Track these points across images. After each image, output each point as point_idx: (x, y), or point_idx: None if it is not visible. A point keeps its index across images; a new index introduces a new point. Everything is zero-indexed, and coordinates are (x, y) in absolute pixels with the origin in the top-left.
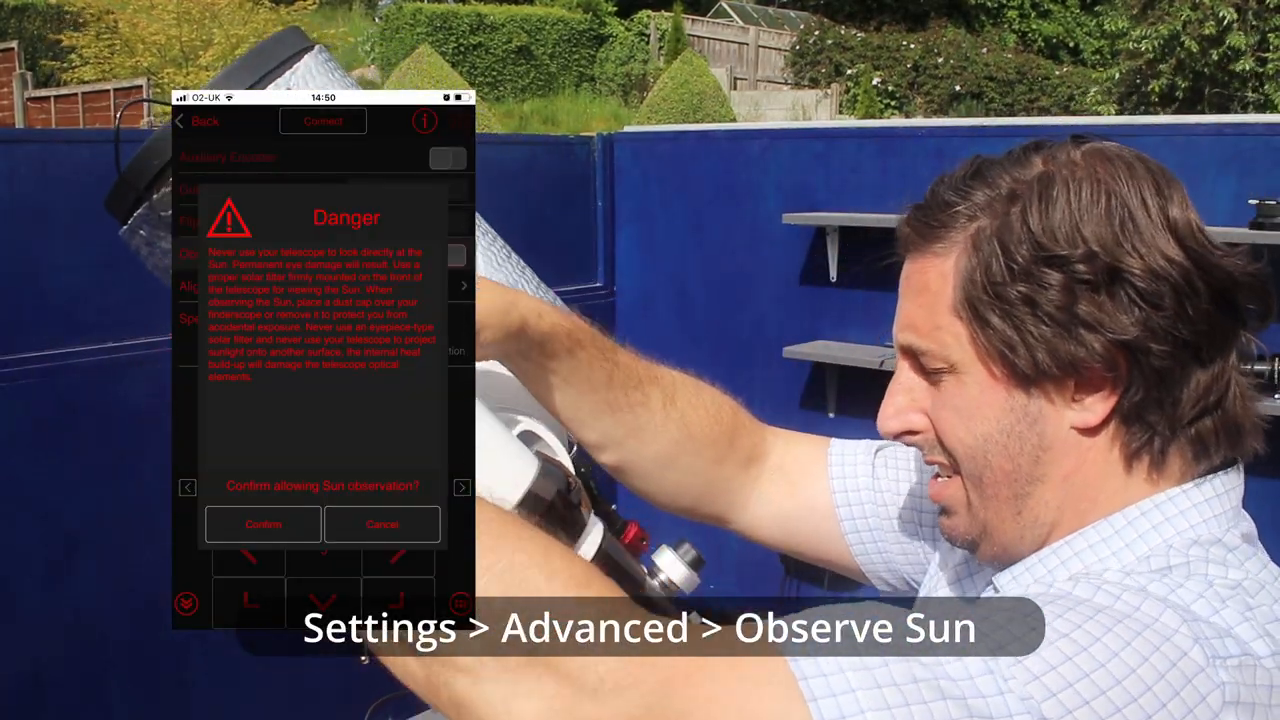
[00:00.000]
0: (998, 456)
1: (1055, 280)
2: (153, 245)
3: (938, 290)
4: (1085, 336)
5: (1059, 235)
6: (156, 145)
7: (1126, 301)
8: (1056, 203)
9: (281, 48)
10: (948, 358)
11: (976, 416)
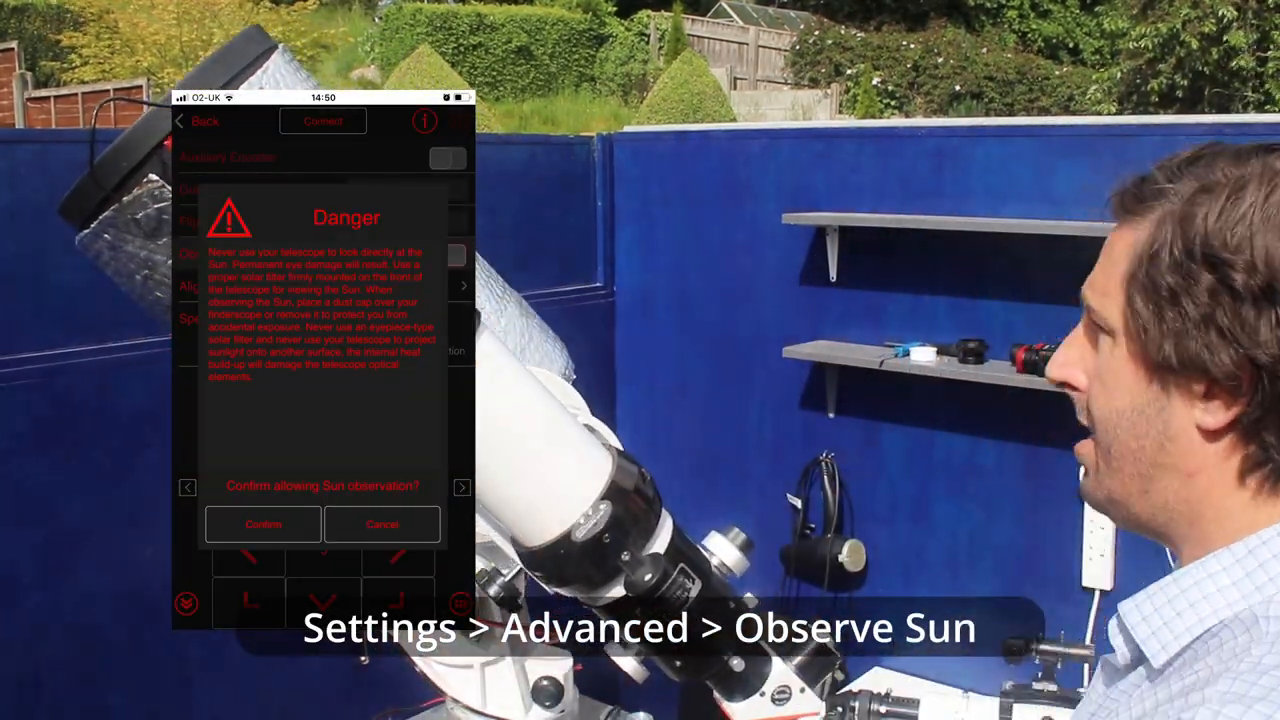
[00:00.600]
0: (1125, 432)
1: (1206, 281)
2: (117, 250)
3: (1118, 258)
4: (1215, 343)
5: (1229, 238)
6: (127, 145)
7: (1273, 321)
8: (1241, 205)
9: (251, 46)
10: (1108, 322)
11: (1115, 388)
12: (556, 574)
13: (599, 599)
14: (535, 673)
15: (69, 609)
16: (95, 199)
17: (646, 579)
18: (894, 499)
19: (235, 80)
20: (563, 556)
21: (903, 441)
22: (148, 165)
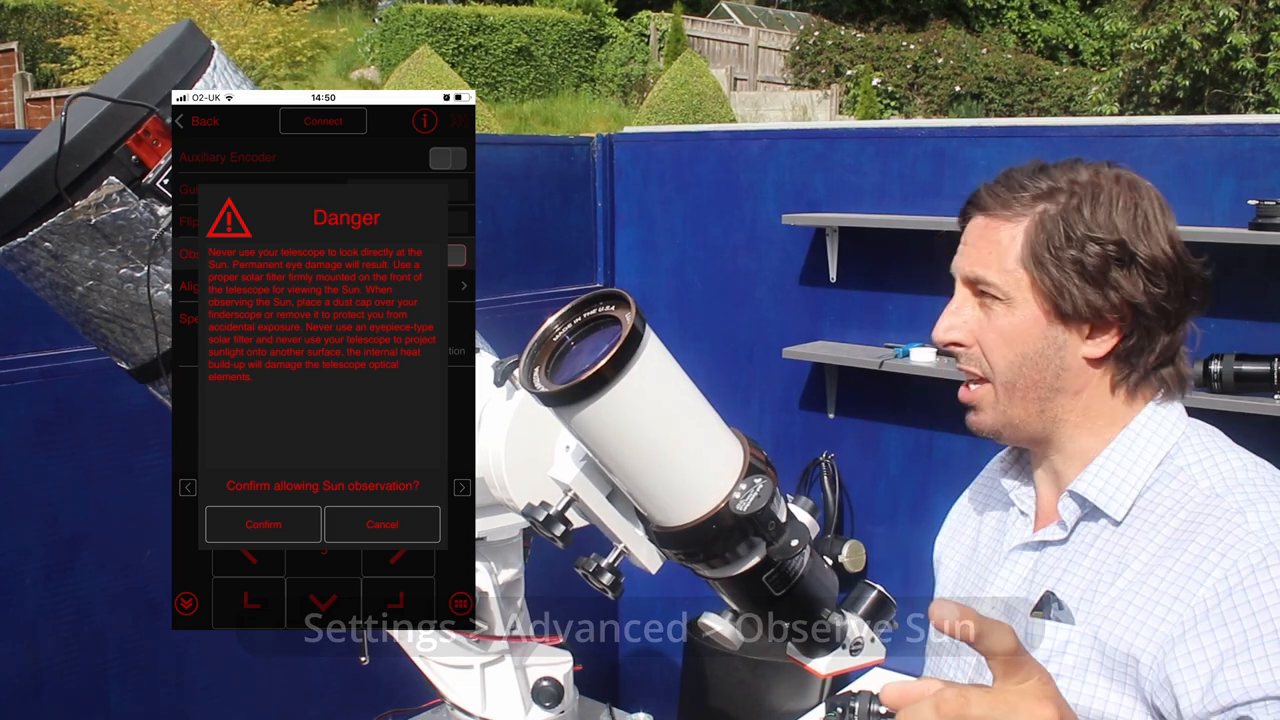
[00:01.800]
0: (1030, 370)
1: (1095, 252)
2: (61, 259)
3: (1007, 245)
4: (1109, 294)
5: (1102, 224)
6: (82, 143)
7: (1136, 276)
8: (1102, 203)
9: (196, 42)
10: (1007, 293)
11: (1018, 340)
12: (704, 549)
13: (734, 570)
14: (535, 673)
15: (69, 609)
16: (40, 203)
17: (794, 544)
18: (894, 499)
19: (189, 79)
20: (715, 531)
21: (902, 442)
22: (105, 167)
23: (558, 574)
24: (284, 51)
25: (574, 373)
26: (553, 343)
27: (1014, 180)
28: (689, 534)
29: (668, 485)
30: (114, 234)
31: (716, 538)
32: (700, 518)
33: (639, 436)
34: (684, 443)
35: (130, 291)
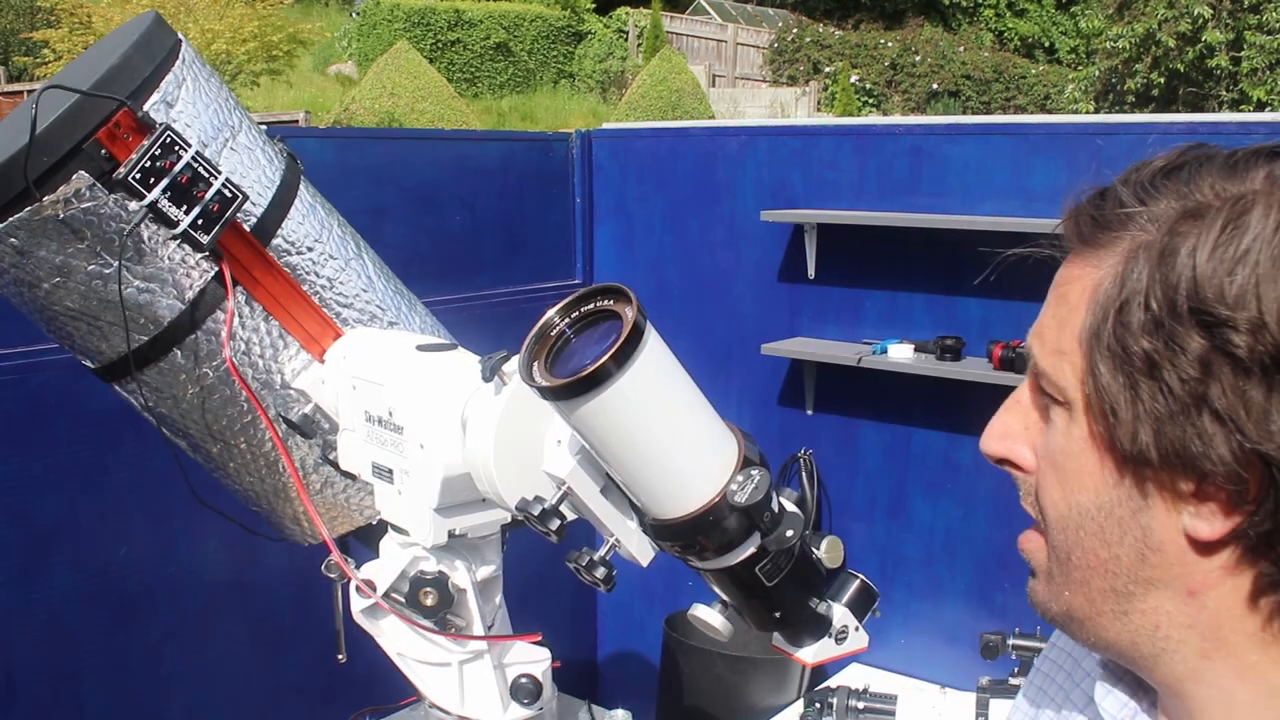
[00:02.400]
0: (1091, 537)
1: (1196, 346)
2: (26, 255)
3: (1075, 305)
4: (1209, 430)
5: (1227, 286)
6: (50, 136)
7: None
8: (1242, 239)
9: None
10: (1063, 390)
11: (1074, 479)
12: (701, 540)
13: (729, 561)
14: (514, 671)
15: (43, 607)
16: (4, 198)
17: (789, 534)
18: (871, 495)
19: (158, 72)
20: (712, 523)
21: (880, 438)
22: (75, 162)
23: (536, 570)
24: (260, 46)
25: (576, 367)
26: (551, 336)
27: (1121, 188)
28: (686, 526)
29: (666, 478)
30: (82, 229)
31: (713, 529)
32: (698, 509)
33: (640, 430)
34: (683, 436)
35: (99, 288)
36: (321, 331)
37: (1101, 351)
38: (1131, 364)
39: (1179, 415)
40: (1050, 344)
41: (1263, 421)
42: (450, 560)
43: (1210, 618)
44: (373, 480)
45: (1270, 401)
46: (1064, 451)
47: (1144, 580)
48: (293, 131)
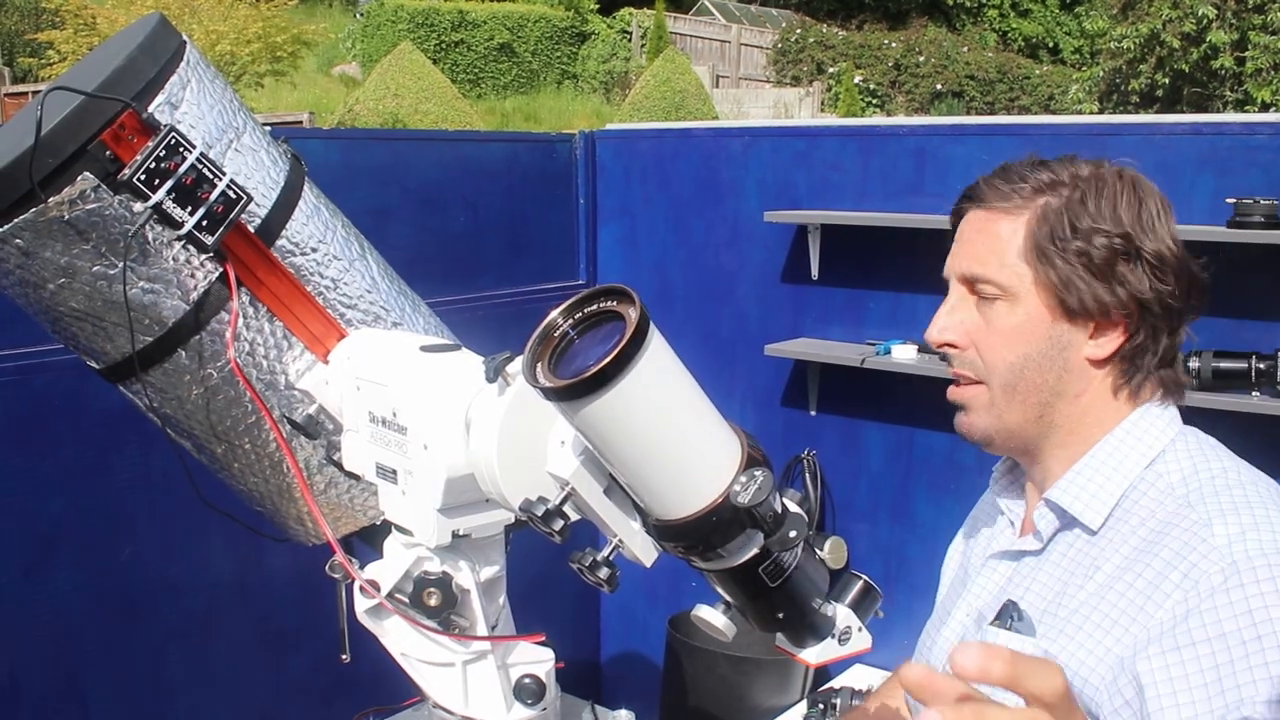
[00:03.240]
0: (1032, 372)
1: (1102, 244)
2: (32, 256)
3: (1008, 238)
4: (1116, 289)
5: (1108, 217)
6: (55, 138)
7: (1143, 272)
8: (1106, 196)
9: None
10: (1008, 289)
11: (1020, 339)
12: (704, 541)
13: (732, 562)
14: (517, 671)
15: (47, 607)
16: (10, 199)
17: (792, 535)
18: (875, 496)
19: (163, 74)
20: (715, 523)
21: (883, 438)
22: (80, 163)
23: (540, 571)
24: (264, 47)
25: (580, 368)
26: (555, 337)
27: (1013, 173)
28: (690, 526)
29: (670, 478)
30: (88, 230)
31: (716, 530)
32: (701, 510)
33: (643, 431)
34: (686, 436)
35: (103, 289)
36: (325, 332)
37: (1054, 255)
38: (1073, 258)
39: (1097, 282)
40: (994, 262)
41: (1133, 280)
42: (454, 560)
43: (1082, 409)
44: (376, 481)
45: (1136, 272)
46: (1012, 324)
47: (1057, 393)
48: (297, 132)
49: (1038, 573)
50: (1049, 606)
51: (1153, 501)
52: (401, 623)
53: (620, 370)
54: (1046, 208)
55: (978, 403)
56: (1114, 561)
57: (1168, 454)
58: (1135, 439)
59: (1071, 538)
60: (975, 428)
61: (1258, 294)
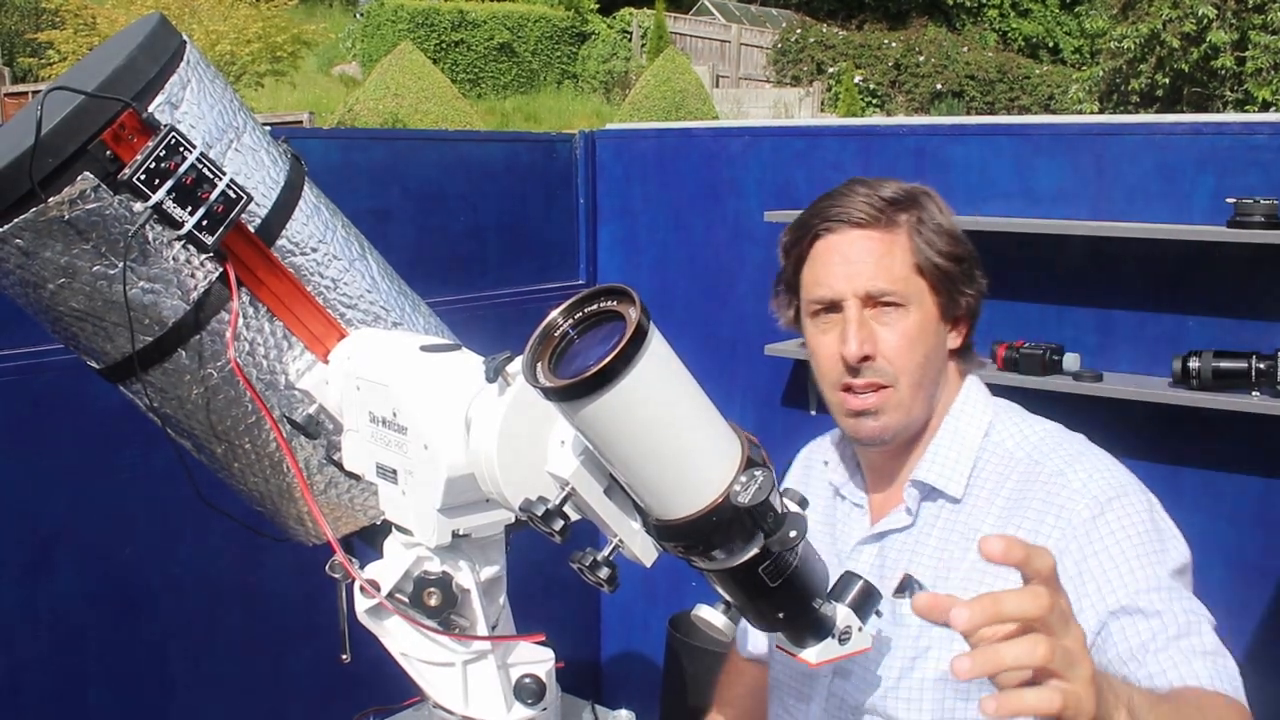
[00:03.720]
0: (930, 368)
1: (968, 253)
2: (32, 256)
3: (899, 256)
4: (972, 293)
5: (952, 228)
6: (55, 138)
7: (978, 273)
8: (941, 209)
9: (168, 36)
10: (909, 299)
11: (920, 342)
12: (704, 541)
13: (732, 562)
14: (517, 671)
15: (47, 607)
16: (10, 199)
17: (792, 535)
18: None
19: (163, 74)
20: (715, 523)
21: None
22: (80, 163)
23: (540, 571)
24: (264, 47)
25: (580, 368)
26: (555, 337)
27: (872, 194)
28: (690, 526)
29: (670, 478)
30: (88, 230)
31: (716, 530)
32: (701, 510)
33: (643, 431)
34: (687, 436)
35: (104, 289)
36: (326, 332)
37: (941, 268)
38: (950, 269)
39: (966, 288)
40: (892, 277)
41: (979, 281)
42: (454, 560)
43: (939, 391)
44: (377, 481)
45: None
46: (910, 330)
47: (938, 384)
48: (297, 132)
49: (918, 546)
50: (938, 571)
51: (1001, 466)
52: (401, 623)
53: (620, 370)
54: (911, 225)
55: (889, 404)
56: (988, 524)
57: (996, 426)
58: (969, 416)
59: (937, 509)
60: (889, 428)
61: (1258, 294)
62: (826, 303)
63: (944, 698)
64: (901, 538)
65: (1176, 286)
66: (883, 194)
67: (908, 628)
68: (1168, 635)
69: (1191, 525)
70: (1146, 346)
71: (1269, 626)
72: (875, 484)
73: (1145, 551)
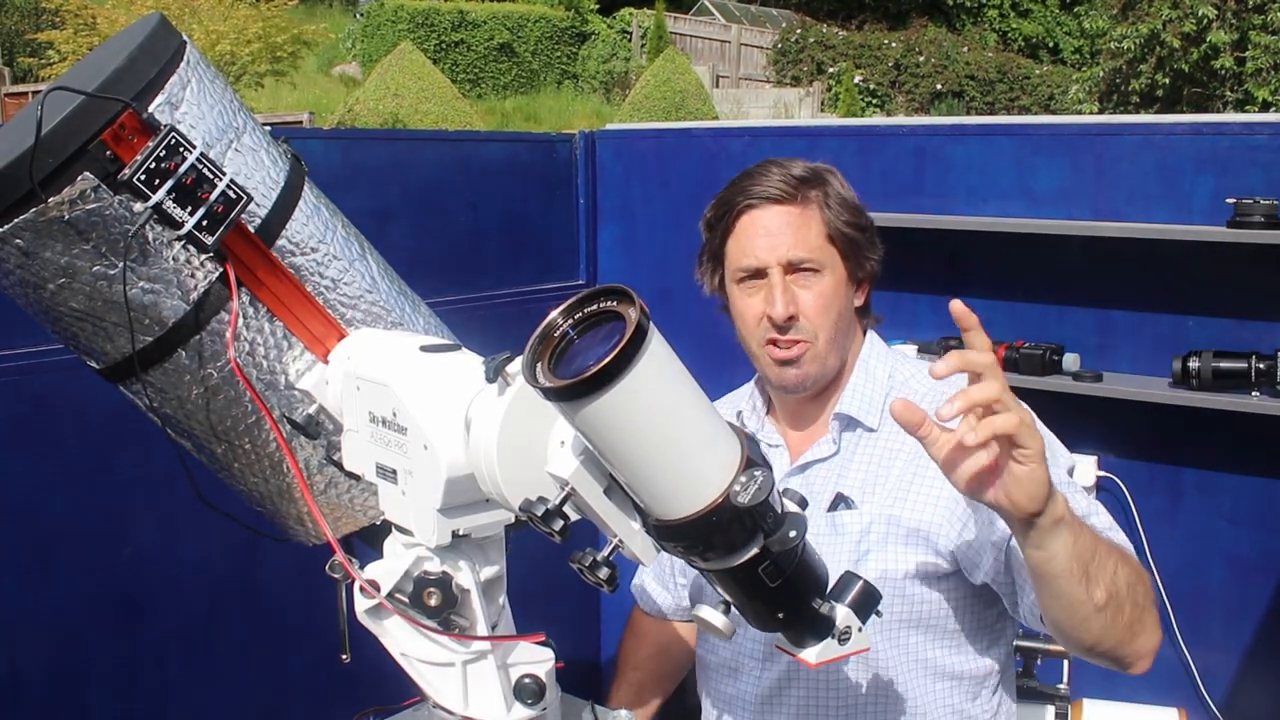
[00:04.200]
0: (842, 324)
1: (868, 224)
2: (32, 256)
3: (814, 227)
4: (874, 258)
5: (852, 201)
6: (55, 138)
7: (877, 240)
8: (843, 185)
9: (169, 36)
10: (823, 265)
11: (834, 301)
12: (704, 541)
13: (731, 562)
14: (517, 671)
15: (47, 608)
16: (10, 199)
17: (791, 535)
18: None
19: (163, 74)
20: (715, 523)
21: None
22: (80, 163)
23: (539, 571)
24: (264, 47)
25: (579, 368)
26: (555, 337)
27: (786, 173)
28: (690, 526)
29: (670, 478)
30: (88, 230)
31: (716, 530)
32: (701, 510)
33: (643, 431)
34: (687, 436)
35: (104, 289)
36: (326, 332)
37: (850, 237)
38: (857, 237)
39: (871, 251)
40: (809, 246)
41: (879, 247)
42: (454, 560)
43: (849, 342)
44: (376, 481)
45: (876, 241)
46: (825, 293)
47: (848, 337)
48: (297, 133)
49: (843, 470)
50: (865, 489)
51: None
52: (402, 623)
53: (620, 370)
54: (820, 199)
55: (809, 356)
56: (909, 446)
57: (899, 369)
58: (876, 360)
59: (856, 439)
60: (809, 375)
61: (1258, 294)
62: (752, 270)
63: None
64: (825, 466)
65: (1176, 286)
66: (794, 173)
67: (846, 536)
68: (1080, 513)
69: (1191, 525)
70: (1146, 346)
71: (1269, 626)
72: (795, 425)
73: (1055, 455)
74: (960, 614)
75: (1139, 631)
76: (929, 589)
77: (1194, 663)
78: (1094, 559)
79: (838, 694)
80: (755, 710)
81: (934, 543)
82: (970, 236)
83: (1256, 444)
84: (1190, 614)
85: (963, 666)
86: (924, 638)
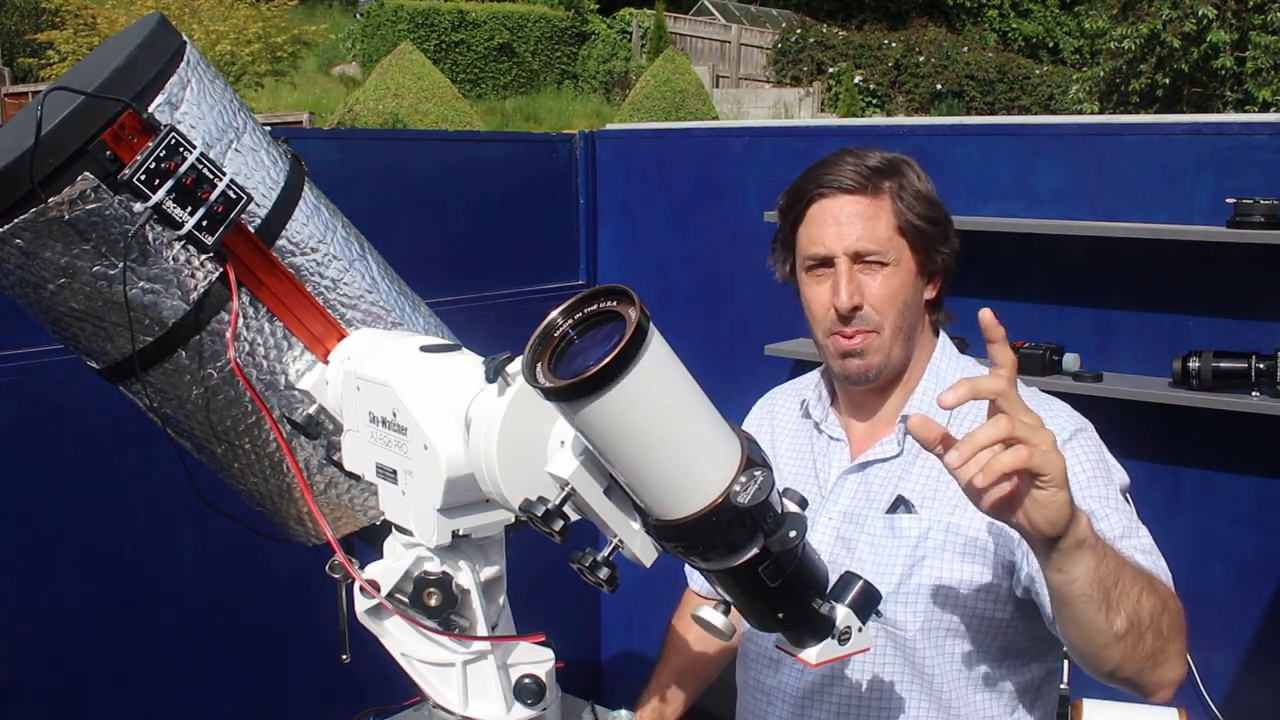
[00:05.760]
0: (909, 316)
1: (942, 216)
2: (31, 256)
3: (884, 218)
4: (947, 251)
5: (929, 193)
6: (55, 138)
7: (953, 234)
8: (920, 176)
9: (169, 36)
10: (892, 257)
11: (902, 294)
12: (704, 541)
13: (731, 562)
14: (517, 671)
15: (48, 609)
16: (10, 200)
17: (791, 535)
18: None
19: (163, 74)
20: (715, 523)
21: None
22: (80, 163)
23: (539, 571)
24: (264, 47)
25: (579, 368)
26: (555, 337)
27: (860, 163)
28: (690, 526)
29: (670, 478)
30: (88, 230)
31: (716, 530)
32: (701, 510)
33: (643, 431)
34: (686, 436)
35: (104, 289)
36: (326, 333)
37: (921, 229)
38: (930, 230)
39: (944, 245)
40: (879, 239)
41: (953, 241)
42: (454, 560)
43: (918, 339)
44: (376, 481)
45: (952, 235)
46: (895, 284)
47: (916, 330)
48: (297, 133)
49: (904, 473)
50: (926, 493)
51: (979, 407)
52: (402, 623)
53: (620, 370)
54: (894, 190)
55: (874, 347)
56: None
57: (969, 372)
58: (947, 364)
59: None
60: (873, 366)
61: (1258, 294)
62: (820, 259)
63: (932, 606)
64: (886, 466)
65: (1176, 286)
66: (868, 163)
67: (904, 540)
68: (1114, 534)
69: (1191, 525)
70: (1146, 346)
71: (1268, 626)
72: (858, 416)
73: (1099, 473)
74: (1009, 628)
75: (1160, 662)
76: (981, 600)
77: (1194, 663)
78: (1116, 585)
79: (879, 695)
80: (795, 704)
81: (990, 554)
82: (970, 236)
83: (1256, 444)
84: (1190, 614)
85: (1004, 680)
86: (971, 648)
